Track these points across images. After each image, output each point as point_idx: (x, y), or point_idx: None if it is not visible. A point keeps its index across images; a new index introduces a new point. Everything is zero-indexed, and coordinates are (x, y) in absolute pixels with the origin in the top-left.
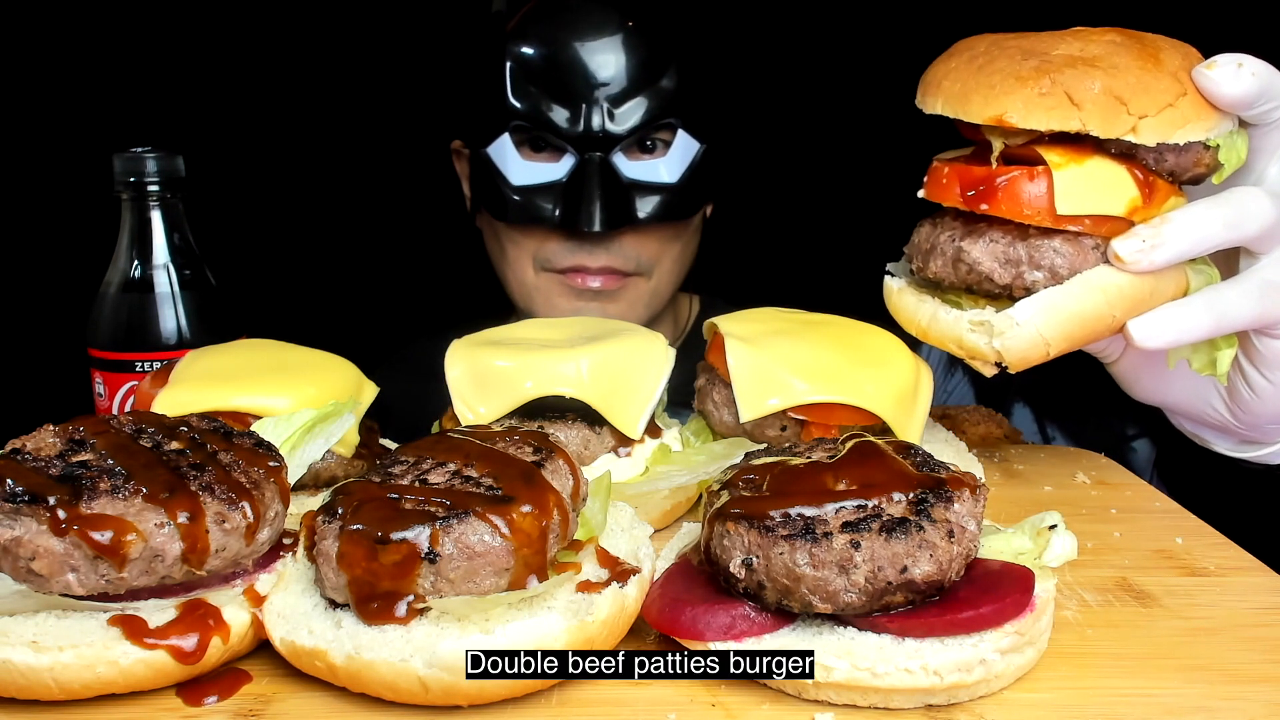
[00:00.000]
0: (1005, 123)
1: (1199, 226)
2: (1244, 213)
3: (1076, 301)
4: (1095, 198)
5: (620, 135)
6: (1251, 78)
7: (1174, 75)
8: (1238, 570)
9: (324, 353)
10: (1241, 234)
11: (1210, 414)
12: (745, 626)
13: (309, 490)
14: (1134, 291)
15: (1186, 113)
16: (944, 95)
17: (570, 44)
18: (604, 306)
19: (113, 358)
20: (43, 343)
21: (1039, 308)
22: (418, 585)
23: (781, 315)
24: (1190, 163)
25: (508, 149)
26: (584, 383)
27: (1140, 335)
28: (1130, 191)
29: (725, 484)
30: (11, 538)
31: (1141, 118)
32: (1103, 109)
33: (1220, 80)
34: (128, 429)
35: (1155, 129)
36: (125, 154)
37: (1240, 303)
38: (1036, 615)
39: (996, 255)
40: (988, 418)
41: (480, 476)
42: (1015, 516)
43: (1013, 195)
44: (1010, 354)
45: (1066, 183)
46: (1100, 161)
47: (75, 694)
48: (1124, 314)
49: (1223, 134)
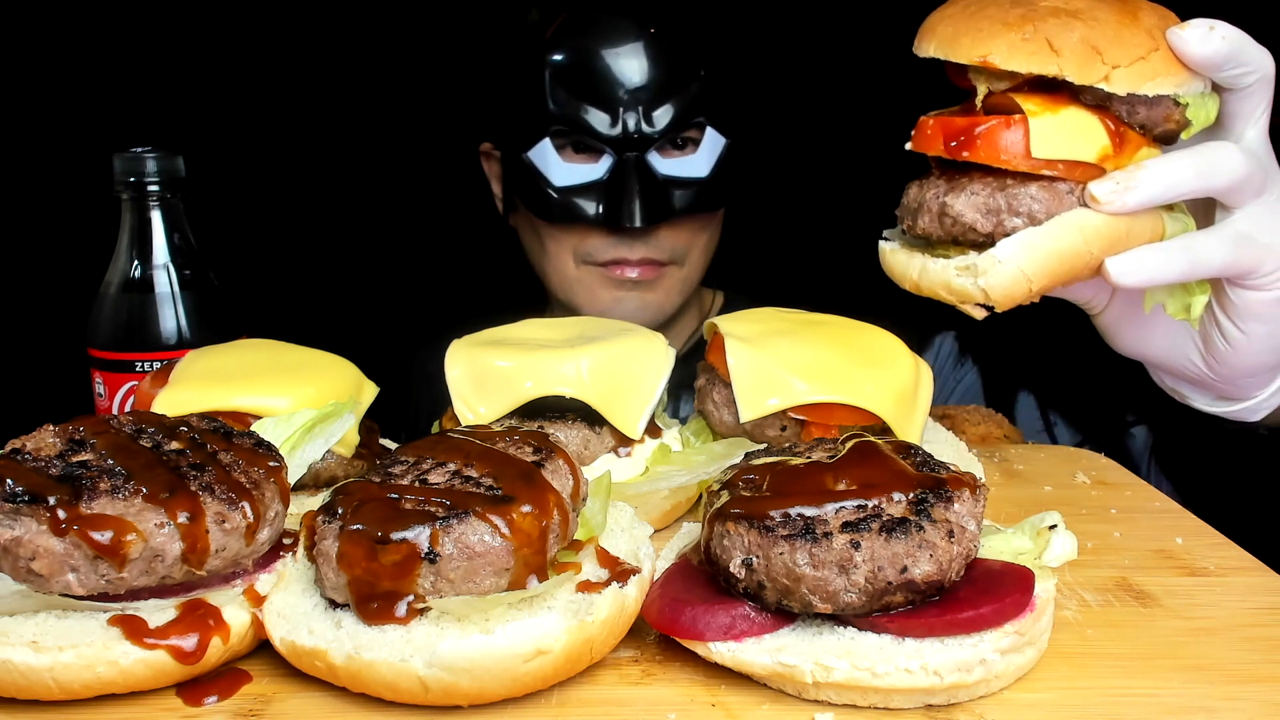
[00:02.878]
0: (989, 64)
1: (1171, 173)
2: (1216, 163)
3: (1055, 239)
4: (1068, 144)
5: (654, 136)
6: (1221, 41)
7: (1148, 31)
8: (1238, 570)
9: (324, 353)
10: (1212, 183)
11: (1189, 367)
12: (745, 626)
13: (309, 490)
14: (1110, 231)
15: (1157, 67)
16: (936, 38)
17: (603, 53)
18: (642, 295)
19: (113, 358)
20: (43, 343)
21: (1019, 245)
22: (418, 585)
23: (781, 315)
24: (1161, 117)
25: (549, 152)
26: (584, 383)
27: (1117, 272)
28: (1102, 140)
29: (725, 484)
30: (11, 538)
31: (1114, 68)
32: (1079, 57)
33: (1191, 40)
34: (128, 429)
35: (1126, 79)
36: (125, 154)
37: (1214, 249)
38: (1036, 615)
39: (978, 206)
40: (988, 418)
41: (480, 476)
42: (1015, 516)
43: (991, 141)
44: (995, 291)
45: (1041, 129)
46: (1075, 111)
47: (75, 694)
48: (1101, 252)
49: (1194, 93)
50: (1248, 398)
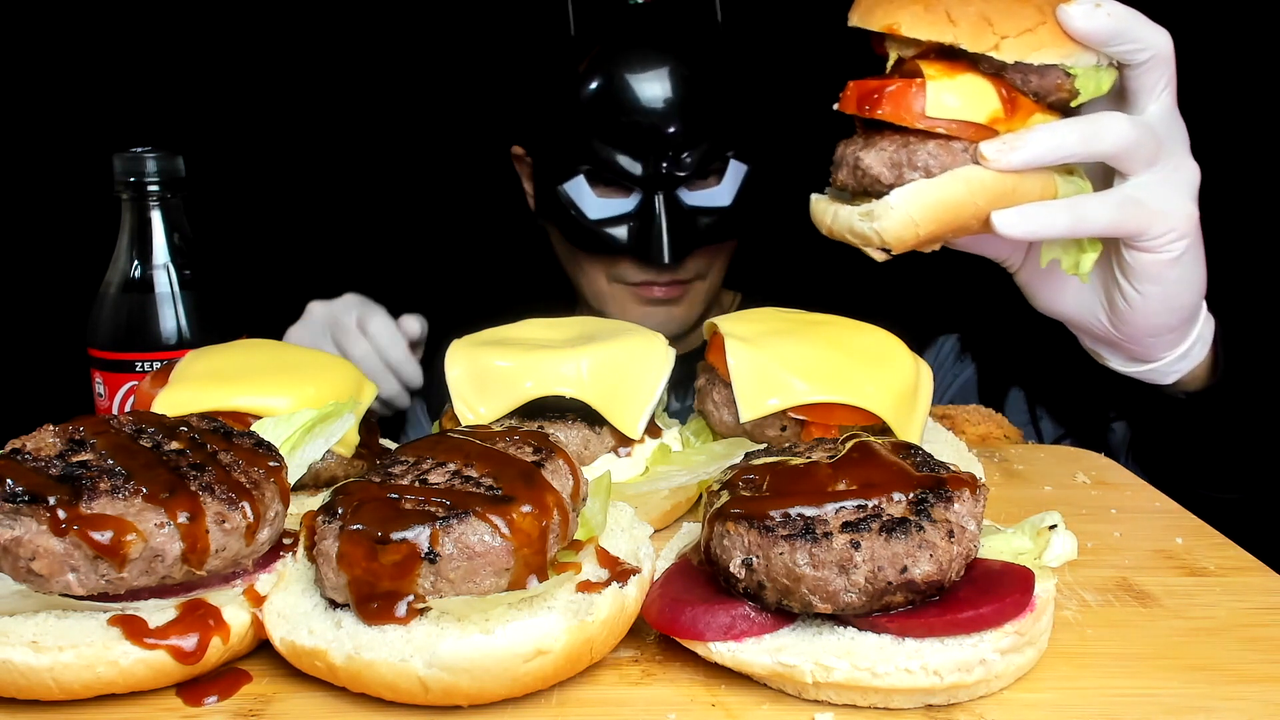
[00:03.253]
0: (896, 32)
1: (1055, 136)
2: (1101, 131)
3: (942, 189)
4: (962, 106)
5: (682, 175)
6: (1106, 18)
7: (1039, 7)
8: (1238, 570)
9: (324, 353)
10: (1096, 148)
11: (1097, 326)
12: (745, 626)
13: (309, 490)
14: (996, 186)
15: (1044, 39)
16: (859, 11)
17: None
18: (669, 310)
19: (113, 358)
20: (43, 343)
21: (909, 194)
22: (418, 585)
23: (781, 315)
24: (1052, 85)
25: (583, 187)
26: (584, 383)
27: (1000, 222)
28: (993, 104)
29: (725, 484)
30: (11, 538)
31: (1003, 38)
32: (973, 27)
33: (1074, 15)
34: (128, 429)
35: (1014, 48)
36: (125, 154)
37: (1099, 210)
38: (1036, 615)
39: (884, 160)
40: (988, 418)
41: (480, 476)
42: (1015, 516)
43: (894, 102)
44: (886, 234)
45: (937, 91)
46: (971, 77)
47: (75, 694)
48: (986, 204)
49: (1083, 65)
50: (1155, 359)
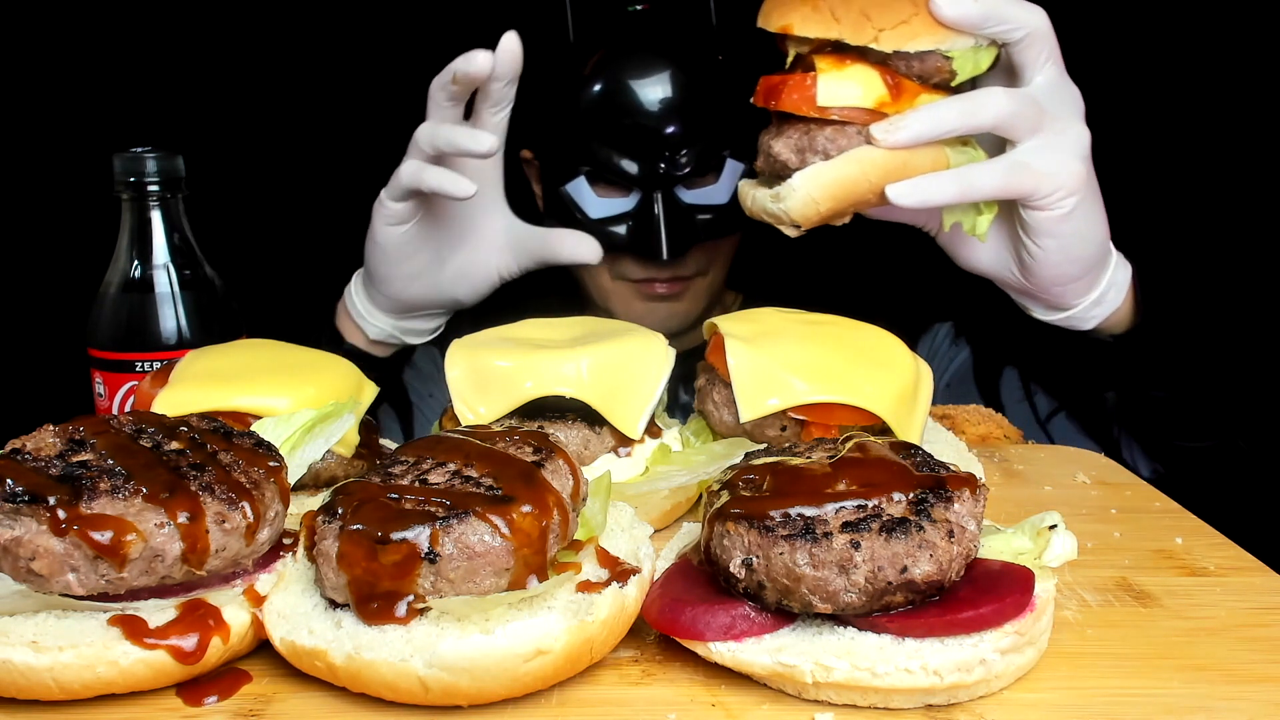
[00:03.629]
0: (790, 31)
1: (936, 114)
2: (979, 106)
3: (837, 169)
4: (850, 94)
5: (679, 176)
6: (972, 5)
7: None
8: (1238, 570)
9: (324, 353)
10: (975, 122)
11: (1011, 279)
12: (745, 626)
13: (309, 490)
14: (887, 162)
15: (917, 28)
16: (761, 14)
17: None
18: (671, 306)
19: (113, 358)
20: (43, 343)
21: (809, 175)
22: (418, 585)
23: (781, 315)
24: (932, 69)
25: (583, 188)
26: (584, 383)
27: (893, 194)
28: (879, 90)
29: (725, 484)
30: (11, 538)
31: (881, 30)
32: (854, 23)
33: (941, 5)
34: (128, 429)
35: (891, 39)
36: (125, 154)
37: (986, 176)
38: (1036, 615)
39: (790, 146)
40: (988, 418)
41: (480, 476)
42: (1015, 516)
43: (792, 93)
44: (792, 212)
45: (827, 82)
46: (858, 67)
47: (75, 694)
48: (879, 180)
49: (960, 48)
50: (1070, 306)
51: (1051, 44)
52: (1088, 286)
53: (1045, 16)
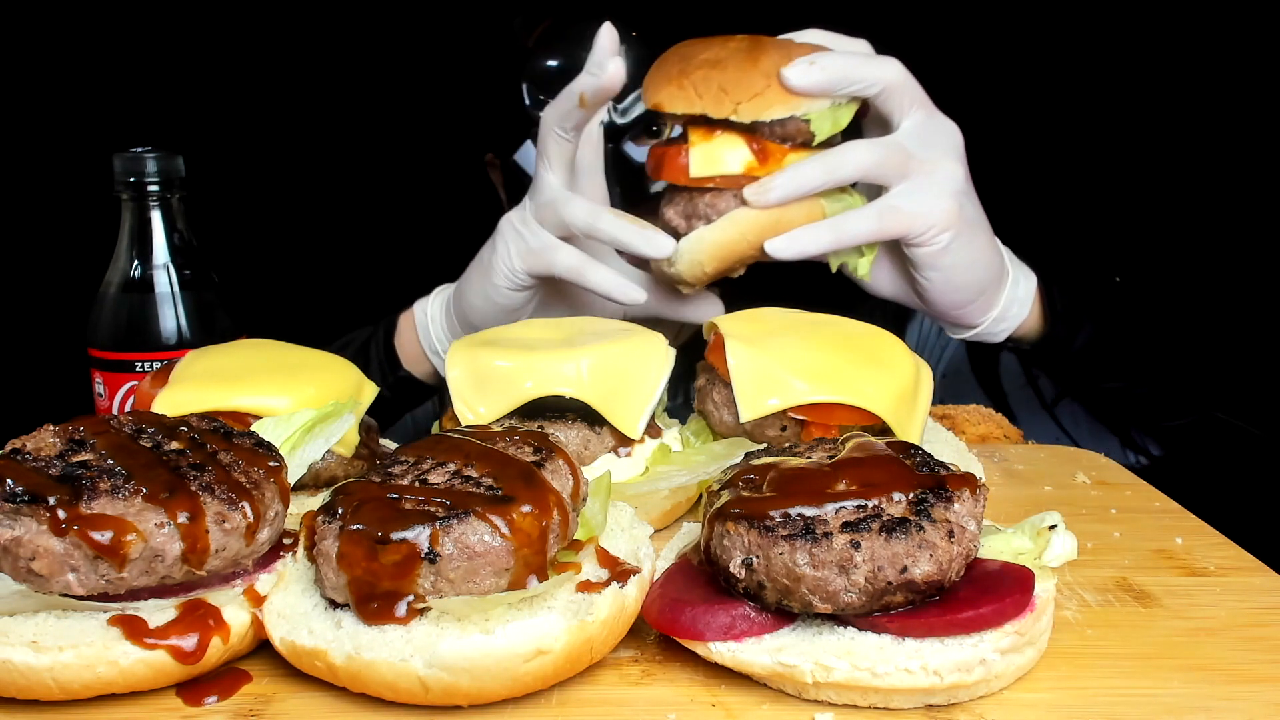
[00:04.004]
0: (661, 108)
1: (801, 173)
2: (841, 161)
3: (717, 233)
4: (720, 163)
5: (626, 127)
6: (820, 73)
7: (765, 73)
8: (1238, 570)
9: (324, 353)
10: (839, 176)
11: (914, 304)
12: (745, 626)
13: (309, 490)
14: (763, 220)
15: (772, 99)
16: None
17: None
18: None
19: (113, 358)
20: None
21: (692, 240)
22: (418, 585)
23: (781, 315)
24: (793, 131)
25: (531, 153)
26: (584, 383)
27: (771, 249)
28: (746, 157)
29: (725, 484)
30: (11, 538)
31: (738, 103)
32: (714, 99)
33: (789, 77)
34: (128, 429)
35: (749, 111)
36: (125, 154)
37: (859, 223)
38: (1036, 615)
39: (678, 213)
40: (988, 418)
41: (480, 476)
42: (1015, 516)
43: (669, 164)
44: (684, 275)
45: (699, 153)
46: (726, 136)
47: (75, 694)
48: (757, 237)
49: (817, 110)
50: (975, 324)
51: (912, 91)
52: (986, 306)
53: (899, 67)
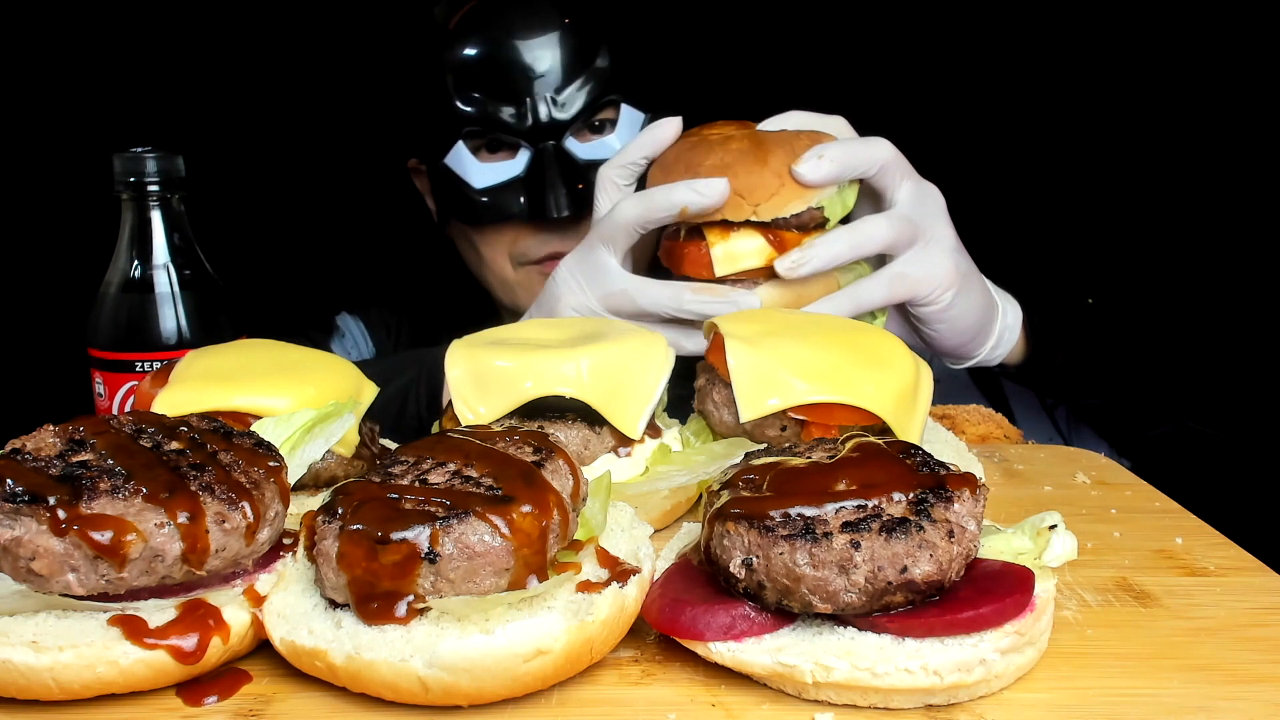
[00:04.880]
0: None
1: (832, 249)
2: (866, 237)
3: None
4: (741, 259)
5: (567, 121)
6: (830, 164)
7: (776, 172)
8: (1238, 570)
9: (324, 353)
10: (865, 251)
11: (922, 348)
12: (745, 626)
13: (309, 490)
14: (784, 299)
15: (788, 196)
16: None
17: (505, 42)
18: None
19: (113, 358)
20: (43, 343)
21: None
22: (418, 585)
23: (782, 315)
24: (808, 220)
25: (464, 155)
26: (584, 383)
27: None
28: (767, 251)
29: (725, 484)
30: (11, 538)
31: (757, 205)
32: (732, 204)
33: (803, 172)
34: (128, 429)
35: (768, 210)
36: (125, 154)
37: (872, 292)
38: (1036, 615)
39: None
40: (988, 418)
41: (480, 476)
42: (1015, 516)
43: (691, 261)
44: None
45: (721, 253)
46: (744, 232)
47: (75, 694)
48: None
49: (827, 197)
50: (974, 355)
51: (902, 165)
52: (984, 339)
53: (888, 144)
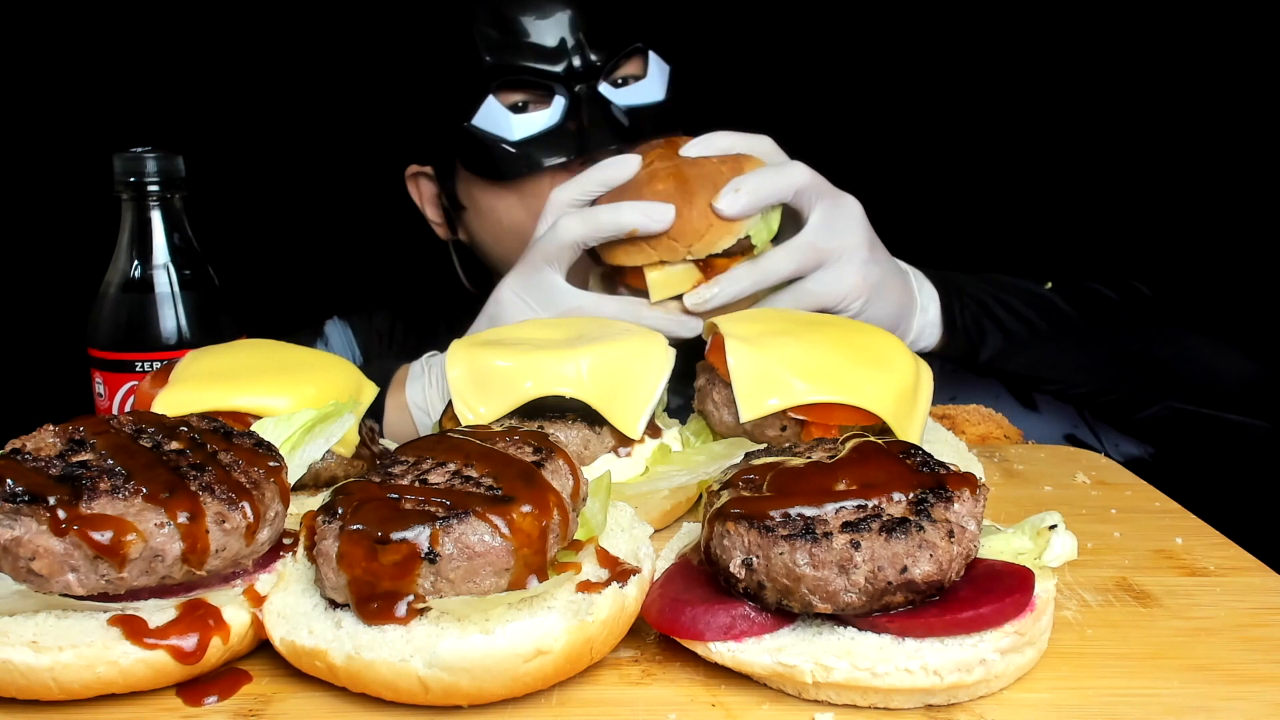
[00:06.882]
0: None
1: (735, 285)
2: (765, 272)
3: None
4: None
5: (599, 63)
6: (747, 197)
7: (702, 212)
8: (1238, 570)
9: (324, 353)
10: (767, 282)
11: None
12: (745, 626)
13: (309, 490)
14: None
15: (717, 233)
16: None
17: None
18: None
19: (113, 358)
20: (43, 343)
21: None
22: (418, 585)
23: (782, 315)
24: (737, 249)
25: (496, 110)
26: (584, 383)
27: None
28: (695, 275)
29: (725, 484)
30: (11, 538)
31: (689, 246)
32: (667, 248)
33: (723, 208)
34: (128, 429)
35: (701, 250)
36: (125, 154)
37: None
38: (1036, 615)
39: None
40: (987, 418)
41: (480, 476)
42: (1015, 516)
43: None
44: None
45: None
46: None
47: (75, 694)
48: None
49: (753, 225)
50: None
51: (818, 185)
52: (904, 334)
53: (803, 168)
